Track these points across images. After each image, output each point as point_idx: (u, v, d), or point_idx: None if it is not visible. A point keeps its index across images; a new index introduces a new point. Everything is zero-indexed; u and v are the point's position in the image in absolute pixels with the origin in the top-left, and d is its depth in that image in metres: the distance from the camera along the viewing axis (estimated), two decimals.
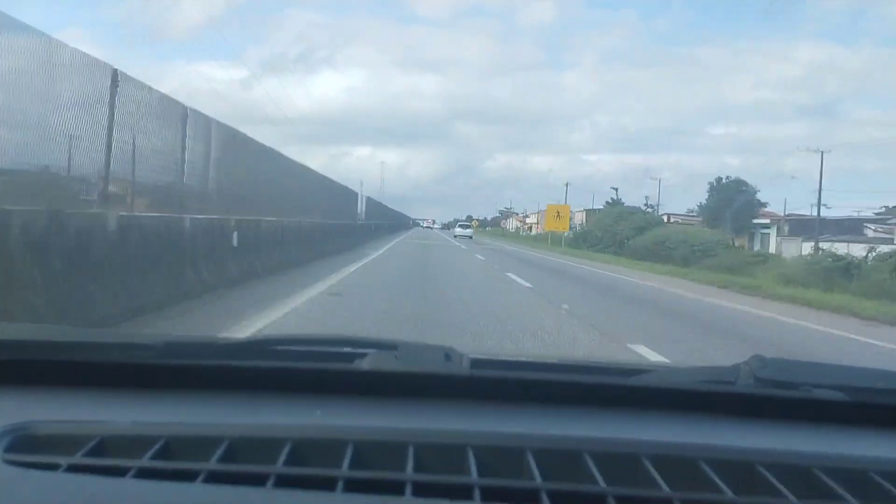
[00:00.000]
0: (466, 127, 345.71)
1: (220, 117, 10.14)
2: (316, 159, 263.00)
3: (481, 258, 22.16)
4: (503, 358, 1.07)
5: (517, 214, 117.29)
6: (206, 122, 9.45)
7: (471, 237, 49.27)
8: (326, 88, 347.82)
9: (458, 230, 53.55)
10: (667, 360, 5.24)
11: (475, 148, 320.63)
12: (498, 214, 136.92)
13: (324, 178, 21.43)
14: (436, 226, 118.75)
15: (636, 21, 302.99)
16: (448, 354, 1.01)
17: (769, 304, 12.18)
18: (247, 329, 5.71)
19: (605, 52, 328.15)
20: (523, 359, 1.07)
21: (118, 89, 6.47)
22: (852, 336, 8.58)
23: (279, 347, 1.03)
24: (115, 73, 6.41)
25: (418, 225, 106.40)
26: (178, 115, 8.31)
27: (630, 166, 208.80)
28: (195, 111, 8.86)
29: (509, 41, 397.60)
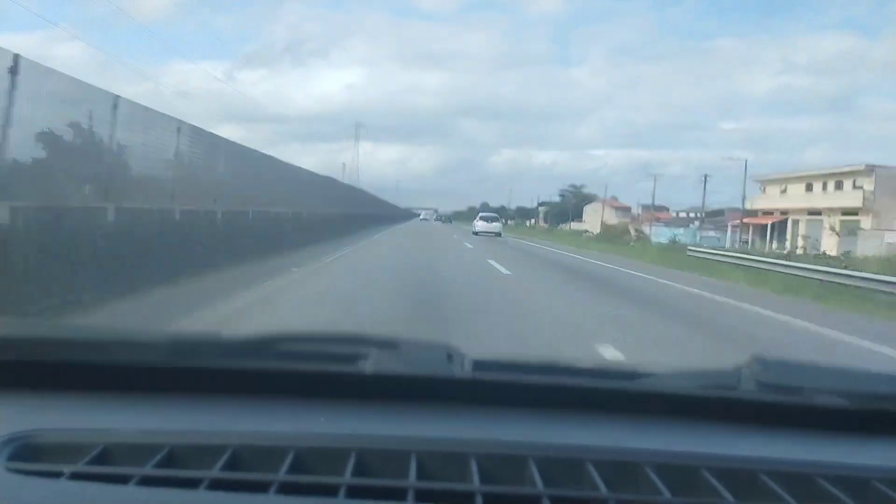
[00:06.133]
0: (470, 122, 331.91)
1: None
2: (315, 156, 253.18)
3: None
4: (505, 359, 1.05)
5: (607, 199, 73.15)
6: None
7: (499, 234, 35.52)
8: (330, 85, 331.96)
9: (479, 224, 37.60)
10: None
11: (479, 143, 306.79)
12: (558, 198, 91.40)
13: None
14: (430, 215, 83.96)
15: (647, 13, 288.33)
16: (450, 355, 1.00)
17: None
18: None
19: (614, 46, 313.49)
20: (524, 360, 1.05)
21: None
22: None
23: (282, 346, 1.03)
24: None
25: (416, 216, 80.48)
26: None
27: (637, 161, 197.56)
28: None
29: (516, 35, 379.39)
